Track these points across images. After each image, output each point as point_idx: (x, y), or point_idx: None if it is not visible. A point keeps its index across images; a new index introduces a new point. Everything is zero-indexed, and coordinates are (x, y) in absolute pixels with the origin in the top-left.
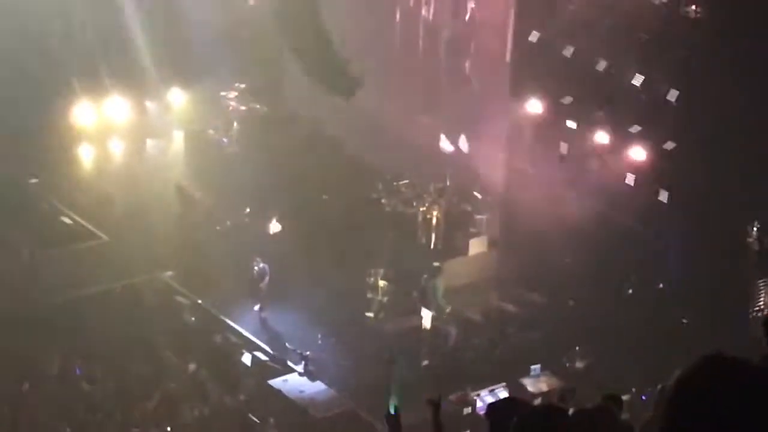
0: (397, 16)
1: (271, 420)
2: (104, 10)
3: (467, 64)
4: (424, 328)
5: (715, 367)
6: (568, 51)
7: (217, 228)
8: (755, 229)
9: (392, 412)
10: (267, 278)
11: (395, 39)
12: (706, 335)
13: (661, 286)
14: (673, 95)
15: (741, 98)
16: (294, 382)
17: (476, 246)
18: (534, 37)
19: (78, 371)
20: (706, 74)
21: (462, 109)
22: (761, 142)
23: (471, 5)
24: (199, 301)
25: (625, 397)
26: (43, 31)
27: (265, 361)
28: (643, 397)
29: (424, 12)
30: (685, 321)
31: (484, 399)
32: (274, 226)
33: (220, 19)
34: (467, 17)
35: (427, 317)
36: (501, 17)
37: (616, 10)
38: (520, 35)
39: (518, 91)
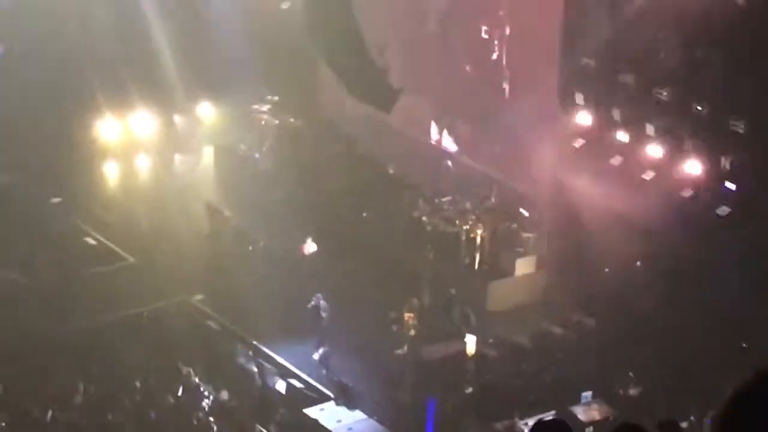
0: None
1: None
2: (129, 20)
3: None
4: (468, 354)
5: (764, 385)
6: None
7: (249, 248)
8: None
9: None
10: (326, 317)
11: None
12: (766, 360)
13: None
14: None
15: None
16: (331, 411)
17: (523, 266)
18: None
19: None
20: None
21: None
22: None
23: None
24: (232, 326)
25: (684, 424)
26: (66, 43)
27: (300, 389)
28: (708, 421)
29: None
30: (744, 345)
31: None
32: (310, 246)
33: (251, 30)
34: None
35: (471, 342)
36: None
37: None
38: (569, 54)
39: (566, 105)
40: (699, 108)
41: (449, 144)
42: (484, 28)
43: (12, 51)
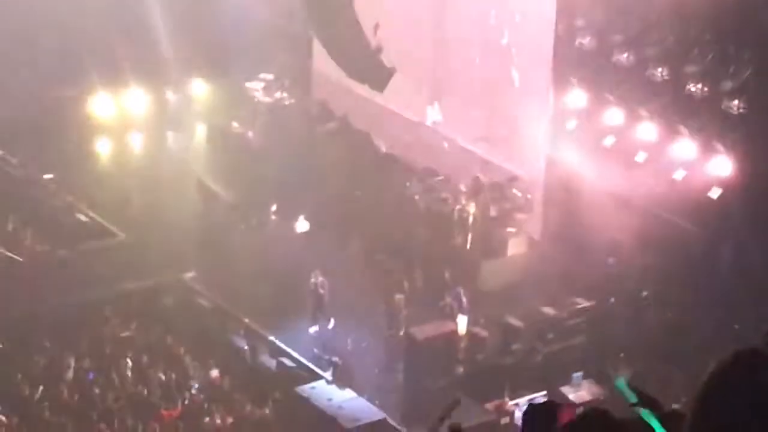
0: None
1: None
2: None
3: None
4: (459, 334)
5: (747, 362)
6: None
7: (242, 226)
8: None
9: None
10: (326, 295)
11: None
12: (757, 342)
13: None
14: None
15: None
16: (322, 390)
17: (515, 246)
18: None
19: (90, 377)
20: None
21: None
22: None
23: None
24: (223, 304)
25: (675, 406)
26: (60, 21)
27: (291, 367)
28: None
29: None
30: (737, 327)
31: (522, 408)
32: (302, 225)
33: (244, 8)
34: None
35: (462, 323)
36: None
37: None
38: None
39: (560, 84)
40: (693, 89)
41: (443, 124)
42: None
43: (2, 27)
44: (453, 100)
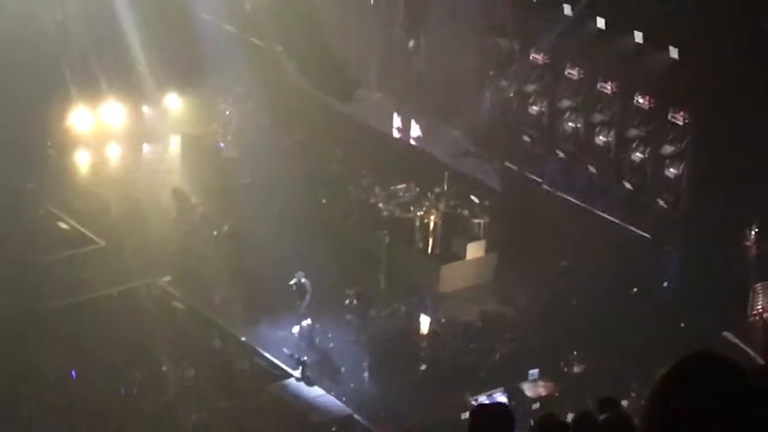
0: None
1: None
2: (100, 16)
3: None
4: (422, 333)
5: (697, 367)
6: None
7: (214, 232)
8: (753, 232)
9: None
10: (308, 296)
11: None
12: (706, 339)
13: (665, 285)
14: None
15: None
16: (292, 387)
17: (474, 250)
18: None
19: (74, 375)
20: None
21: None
22: (758, 145)
23: None
24: (197, 307)
25: (624, 402)
26: (39, 37)
27: (263, 366)
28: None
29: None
30: (683, 325)
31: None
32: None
33: (216, 25)
34: None
35: (425, 323)
36: None
37: None
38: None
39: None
40: (640, 100)
41: (406, 134)
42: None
43: None
44: (417, 112)
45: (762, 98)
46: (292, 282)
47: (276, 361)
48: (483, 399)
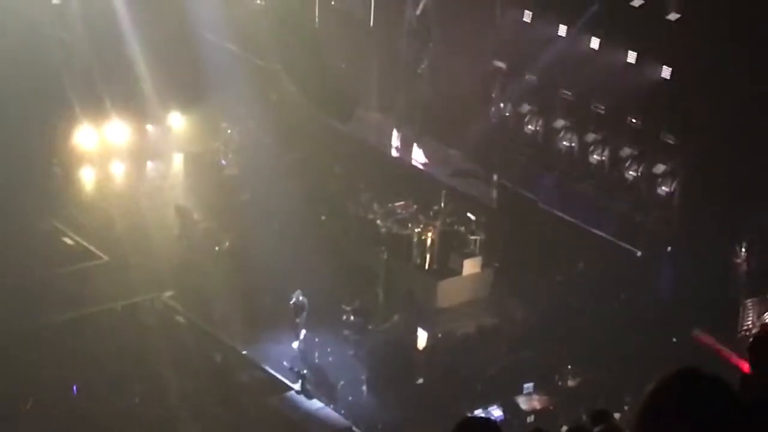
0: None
1: None
2: (104, 36)
3: None
4: (419, 348)
5: (685, 382)
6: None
7: (216, 248)
8: (743, 249)
9: None
10: (305, 313)
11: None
12: (698, 353)
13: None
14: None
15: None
16: (291, 400)
17: (470, 266)
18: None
19: (75, 391)
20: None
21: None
22: (748, 163)
23: None
24: (199, 321)
25: (617, 415)
26: (45, 57)
27: (263, 379)
28: None
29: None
30: (674, 340)
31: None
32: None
33: (218, 46)
34: None
35: (422, 337)
36: None
37: None
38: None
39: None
40: (633, 120)
41: (405, 152)
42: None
43: None
44: (415, 131)
45: (753, 117)
46: (291, 302)
47: (276, 374)
48: (479, 412)
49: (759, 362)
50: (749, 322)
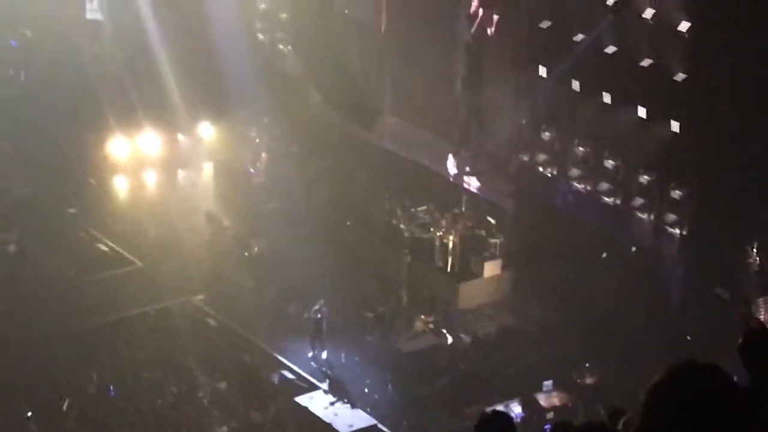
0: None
1: None
2: (136, 50)
3: None
4: (442, 347)
5: (686, 374)
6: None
7: (245, 254)
8: (754, 249)
9: None
10: (324, 325)
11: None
12: (710, 351)
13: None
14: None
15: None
16: (319, 399)
17: (491, 268)
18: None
19: (112, 392)
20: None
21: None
22: (758, 163)
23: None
24: (229, 323)
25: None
26: (79, 70)
27: (291, 379)
28: None
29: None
30: (689, 338)
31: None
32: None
33: (245, 57)
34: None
35: (449, 338)
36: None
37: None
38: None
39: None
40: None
41: (428, 158)
42: None
43: (31, 76)
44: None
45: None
46: (315, 308)
47: (303, 374)
48: (499, 407)
49: (749, 362)
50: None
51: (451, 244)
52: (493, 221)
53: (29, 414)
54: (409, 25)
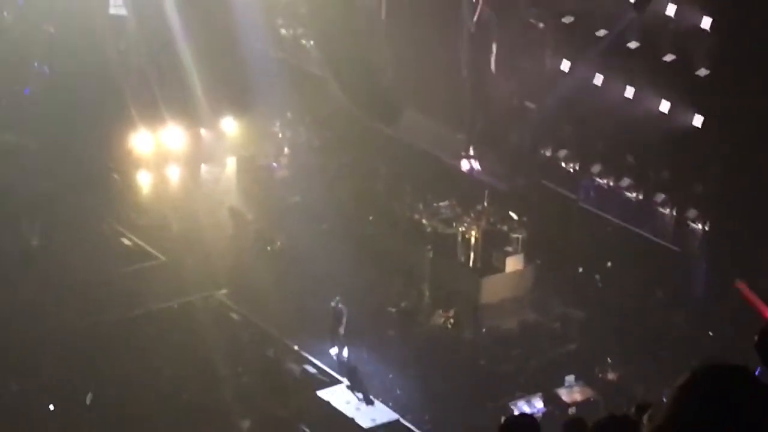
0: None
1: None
2: (159, 47)
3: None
4: (464, 342)
5: (712, 375)
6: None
7: (268, 248)
8: None
9: None
10: (344, 320)
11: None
12: (731, 346)
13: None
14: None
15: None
16: (341, 394)
17: (512, 264)
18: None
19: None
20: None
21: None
22: None
23: None
24: (252, 318)
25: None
26: (104, 67)
27: (313, 373)
28: None
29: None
30: (711, 333)
31: (521, 408)
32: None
33: (267, 54)
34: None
35: (467, 332)
36: None
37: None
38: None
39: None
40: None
41: (450, 153)
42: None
43: (55, 72)
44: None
45: None
46: (332, 304)
47: (326, 368)
48: (521, 403)
49: (767, 358)
50: None
51: (473, 239)
52: (515, 216)
53: (52, 407)
54: (412, 12)
